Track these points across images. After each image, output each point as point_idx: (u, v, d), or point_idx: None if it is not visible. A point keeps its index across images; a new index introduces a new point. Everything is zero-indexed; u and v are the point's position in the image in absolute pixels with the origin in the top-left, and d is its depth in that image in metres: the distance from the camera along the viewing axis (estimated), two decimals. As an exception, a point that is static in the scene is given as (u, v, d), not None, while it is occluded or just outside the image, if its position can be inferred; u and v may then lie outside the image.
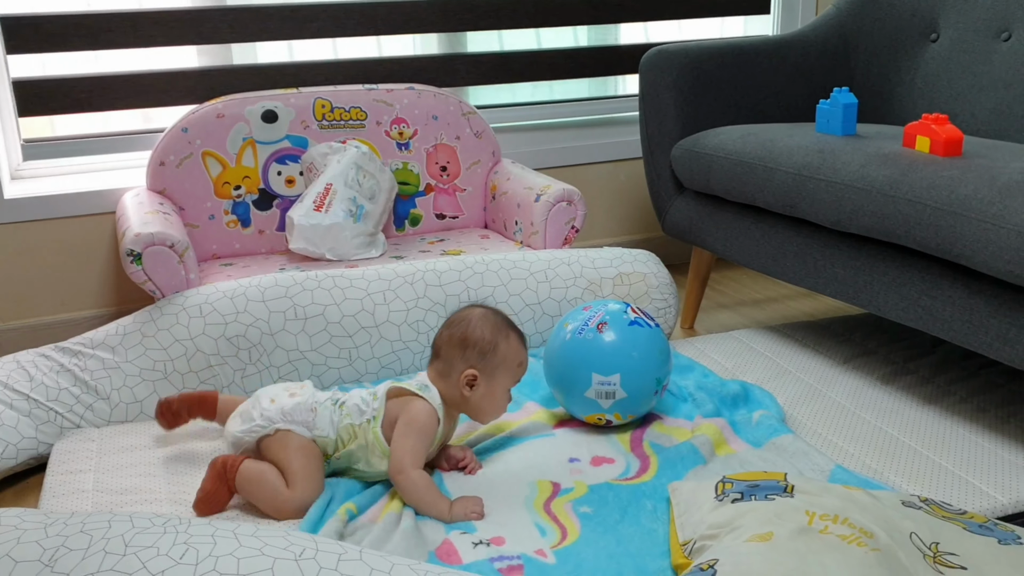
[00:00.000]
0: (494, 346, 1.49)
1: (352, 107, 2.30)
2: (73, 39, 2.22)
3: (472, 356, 1.49)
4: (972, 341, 1.59)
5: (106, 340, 1.79)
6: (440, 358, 1.52)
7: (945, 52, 2.23)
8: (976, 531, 1.31)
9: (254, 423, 1.49)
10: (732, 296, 2.61)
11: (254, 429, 1.49)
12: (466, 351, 1.49)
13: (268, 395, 1.53)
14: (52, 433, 1.71)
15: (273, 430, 1.48)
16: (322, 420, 1.49)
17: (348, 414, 1.50)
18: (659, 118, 2.22)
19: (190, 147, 2.17)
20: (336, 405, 1.51)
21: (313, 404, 1.51)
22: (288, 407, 1.50)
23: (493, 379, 1.49)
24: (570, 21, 2.69)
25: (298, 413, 1.49)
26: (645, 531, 1.37)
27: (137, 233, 1.83)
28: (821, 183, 1.80)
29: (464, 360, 1.49)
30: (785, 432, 1.63)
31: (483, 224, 2.45)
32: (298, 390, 1.54)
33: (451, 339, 1.50)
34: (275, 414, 1.49)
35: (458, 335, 1.50)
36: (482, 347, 1.49)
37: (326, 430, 1.49)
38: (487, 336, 1.49)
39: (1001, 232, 1.48)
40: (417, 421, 1.46)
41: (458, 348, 1.49)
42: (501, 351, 1.49)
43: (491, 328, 1.50)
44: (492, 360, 1.49)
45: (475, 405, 1.51)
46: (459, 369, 1.49)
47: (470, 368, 1.48)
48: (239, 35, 2.36)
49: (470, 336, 1.49)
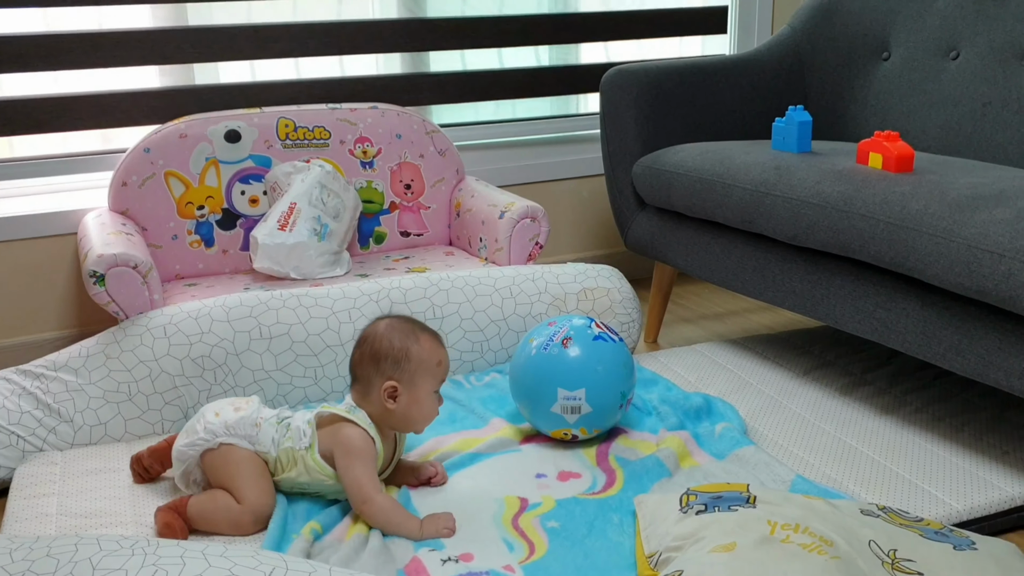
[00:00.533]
0: (406, 352, 1.46)
1: (316, 126, 2.31)
2: (34, 60, 2.21)
3: (387, 368, 1.46)
4: (926, 352, 1.63)
5: (69, 362, 1.77)
6: (358, 380, 1.49)
7: (896, 70, 2.29)
8: (932, 538, 1.35)
9: (197, 436, 1.48)
10: (694, 310, 2.65)
11: (197, 443, 1.48)
12: (380, 364, 1.46)
13: (213, 409, 1.52)
14: (14, 457, 1.69)
15: (216, 444, 1.48)
16: (264, 436, 1.49)
17: (290, 436, 1.49)
18: (620, 136, 2.25)
19: (153, 167, 2.17)
20: (280, 423, 1.51)
21: (257, 419, 1.51)
22: (232, 421, 1.49)
23: (414, 385, 1.47)
24: (532, 41, 2.72)
25: (241, 427, 1.49)
26: (612, 544, 1.39)
27: (100, 254, 1.82)
28: (778, 199, 1.84)
29: (380, 374, 1.46)
30: (747, 444, 1.66)
31: (448, 241, 2.47)
32: (244, 404, 1.53)
33: (363, 357, 1.48)
34: (219, 428, 1.49)
35: (368, 351, 1.47)
36: (394, 356, 1.46)
37: (267, 447, 1.49)
38: (396, 344, 1.46)
39: (952, 246, 1.52)
40: (353, 447, 1.44)
41: (371, 364, 1.47)
42: (415, 355, 1.46)
43: (399, 335, 1.47)
44: (408, 367, 1.46)
45: (402, 416, 1.48)
46: (377, 385, 1.46)
47: (388, 381, 1.46)
48: (202, 55, 2.36)
49: (380, 349, 1.46)
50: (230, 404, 1.53)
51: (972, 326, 1.55)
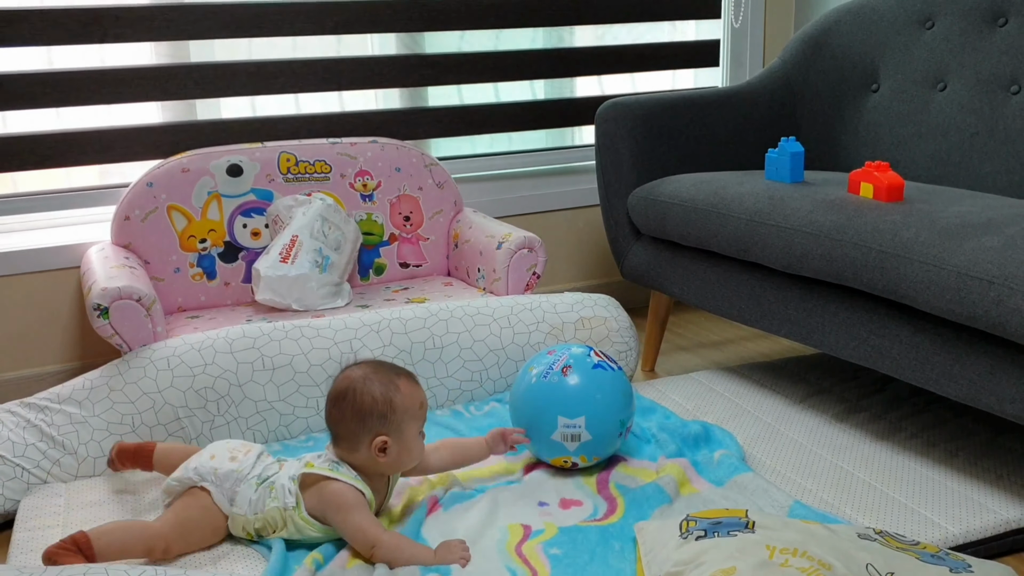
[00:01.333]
0: (390, 404, 1.43)
1: (316, 160, 2.34)
2: (39, 96, 2.24)
3: (374, 424, 1.43)
4: (919, 377, 1.66)
5: (73, 395, 1.79)
6: (342, 438, 1.46)
7: (886, 102, 2.33)
8: (929, 561, 1.36)
9: (187, 472, 1.50)
10: (690, 338, 2.68)
11: (184, 480, 1.50)
12: (366, 422, 1.43)
13: (211, 451, 1.53)
14: (19, 489, 1.70)
15: (200, 485, 1.49)
16: (241, 499, 1.48)
17: (275, 497, 1.47)
18: (615, 167, 2.29)
19: (155, 201, 2.20)
20: (262, 484, 1.49)
21: (247, 475, 1.49)
22: (222, 472, 1.49)
23: (401, 434, 1.45)
24: (528, 75, 2.77)
25: (228, 480, 1.49)
26: (613, 571, 1.40)
27: (104, 287, 1.84)
28: (772, 228, 1.87)
29: (368, 432, 1.44)
30: (745, 471, 1.68)
31: (446, 272, 2.50)
32: (242, 454, 1.53)
33: (344, 415, 1.44)
34: (207, 473, 1.49)
35: (351, 410, 1.44)
36: (379, 411, 1.43)
37: (242, 508, 1.48)
38: (379, 397, 1.43)
39: (942, 273, 1.55)
40: (345, 502, 1.43)
41: (356, 422, 1.43)
42: (399, 406, 1.44)
43: (379, 387, 1.44)
44: (394, 419, 1.44)
45: (393, 463, 1.48)
46: (366, 442, 1.44)
47: (377, 436, 1.44)
48: (204, 91, 2.40)
49: (363, 405, 1.43)
50: (228, 451, 1.53)
51: (963, 352, 1.58)
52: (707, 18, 2.98)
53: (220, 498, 1.48)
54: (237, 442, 1.58)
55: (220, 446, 1.55)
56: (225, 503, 1.48)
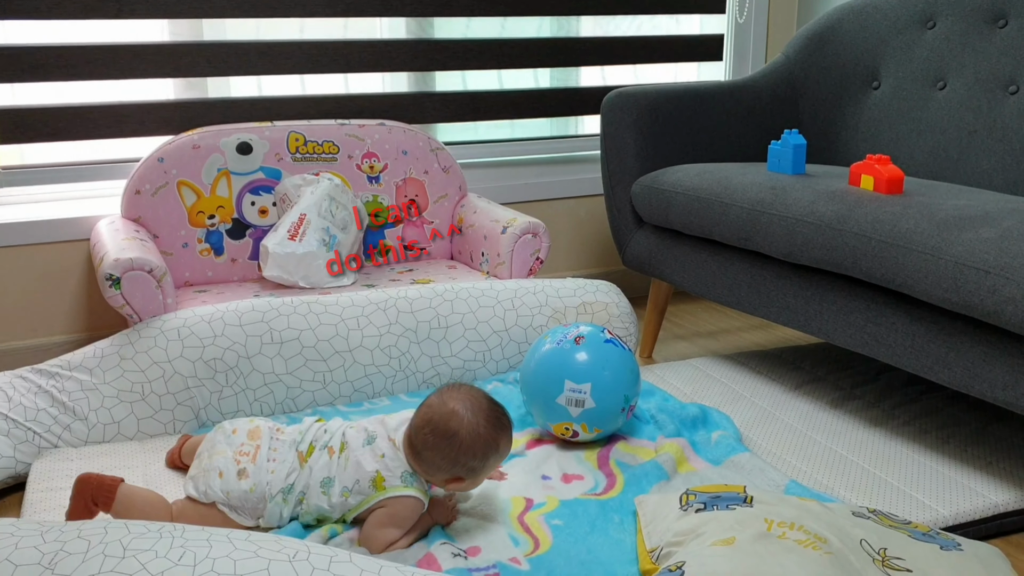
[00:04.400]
0: (484, 462, 1.42)
1: (325, 141, 2.37)
2: (53, 69, 2.27)
3: (461, 471, 1.42)
4: (914, 365, 1.70)
5: (84, 362, 1.82)
6: (425, 461, 1.42)
7: (886, 99, 2.38)
8: (920, 538, 1.41)
9: (208, 488, 1.44)
10: (688, 328, 2.72)
11: (192, 493, 1.45)
12: (455, 467, 1.41)
13: (217, 467, 1.44)
14: (30, 452, 1.73)
15: (209, 503, 1.44)
16: (271, 515, 1.45)
17: (308, 512, 1.46)
18: (620, 156, 2.33)
19: (166, 176, 2.23)
20: (293, 499, 1.45)
21: (265, 493, 1.44)
22: (235, 495, 1.43)
23: (477, 478, 1.45)
24: (533, 64, 2.80)
25: (247, 503, 1.44)
26: (613, 541, 1.44)
27: (116, 258, 1.87)
28: (774, 218, 1.91)
29: (450, 472, 1.42)
30: (743, 451, 1.72)
31: (450, 256, 2.53)
32: (248, 460, 1.45)
33: (438, 451, 1.40)
34: (219, 495, 1.43)
35: (447, 451, 1.40)
36: (472, 465, 1.42)
37: (274, 521, 1.45)
38: (478, 454, 1.41)
39: (940, 263, 1.60)
40: (400, 518, 1.42)
41: (447, 462, 1.41)
42: (490, 464, 1.44)
43: (482, 445, 1.41)
44: (480, 471, 1.43)
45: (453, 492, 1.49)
46: (443, 476, 1.43)
47: (456, 479, 1.43)
48: (216, 69, 2.43)
49: (459, 456, 1.40)
50: (235, 457, 1.45)
51: (958, 340, 1.62)
52: (712, 13, 3.02)
53: (242, 519, 1.44)
54: (241, 432, 1.49)
55: (221, 445, 1.47)
56: (249, 520, 1.45)
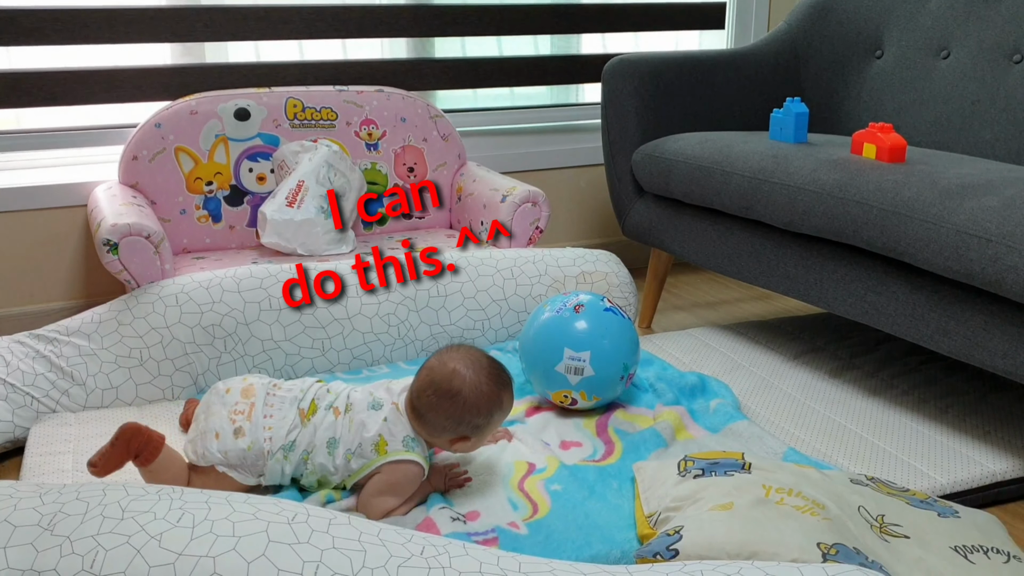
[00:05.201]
0: (489, 419, 1.43)
1: (323, 107, 2.35)
2: (50, 33, 2.24)
3: (465, 429, 1.42)
4: (914, 334, 1.70)
5: (81, 327, 1.81)
6: (429, 423, 1.42)
7: (889, 68, 2.36)
8: (918, 506, 1.41)
9: (207, 451, 1.42)
10: (687, 298, 2.71)
11: (190, 455, 1.45)
12: (459, 426, 1.42)
13: (213, 428, 1.43)
14: (28, 417, 1.73)
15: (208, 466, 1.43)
16: (272, 472, 1.44)
17: (313, 472, 1.45)
18: (621, 124, 2.31)
19: (163, 142, 2.21)
20: (291, 450, 1.44)
21: (264, 449, 1.42)
22: (233, 454, 1.41)
23: (482, 437, 1.45)
24: (534, 30, 2.78)
25: (247, 461, 1.43)
26: (611, 506, 1.45)
27: (113, 223, 1.86)
28: (775, 186, 1.90)
29: (455, 431, 1.42)
30: (741, 419, 1.73)
31: (448, 225, 2.52)
32: (243, 417, 1.43)
33: (441, 411, 1.41)
34: (216, 456, 1.42)
35: (451, 410, 1.40)
36: (476, 423, 1.42)
37: (275, 478, 1.45)
38: (482, 411, 1.41)
39: (942, 231, 1.59)
40: (399, 487, 1.42)
41: (451, 422, 1.41)
42: (495, 421, 1.44)
43: (486, 402, 1.41)
44: (486, 429, 1.44)
45: (458, 452, 1.48)
46: (449, 433, 1.43)
47: (462, 436, 1.43)
48: (214, 34, 2.40)
49: (464, 414, 1.41)
50: (230, 415, 1.43)
51: (959, 308, 1.62)
52: (714, -19, 2.99)
53: (243, 478, 1.44)
54: (235, 390, 1.47)
55: (215, 406, 1.45)
56: (251, 479, 1.44)
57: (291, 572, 1.05)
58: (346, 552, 1.08)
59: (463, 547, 1.12)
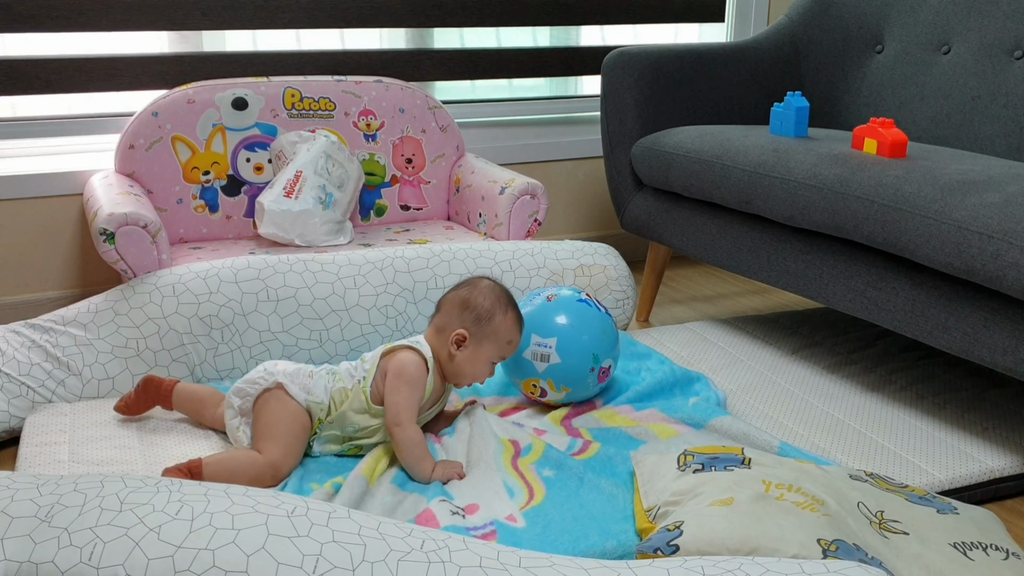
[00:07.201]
0: (491, 315, 1.58)
1: (321, 97, 2.34)
2: (45, 20, 2.22)
3: (468, 319, 1.58)
4: (914, 330, 1.70)
5: (78, 317, 1.80)
6: (441, 312, 1.61)
7: (890, 63, 2.35)
8: (917, 502, 1.41)
9: (258, 375, 1.57)
10: (685, 292, 2.71)
11: (257, 380, 1.56)
12: (464, 312, 1.58)
13: (271, 362, 1.61)
14: (24, 407, 1.72)
15: (274, 383, 1.55)
16: (317, 386, 1.57)
17: (341, 379, 1.59)
18: (620, 116, 2.31)
19: (160, 131, 2.19)
20: (329, 374, 1.60)
21: (310, 371, 1.60)
22: (290, 370, 1.58)
23: (480, 345, 1.58)
24: (533, 22, 2.77)
25: (298, 376, 1.57)
26: (606, 495, 1.45)
27: (110, 213, 1.85)
28: (775, 181, 1.90)
29: (460, 320, 1.58)
30: (723, 414, 1.68)
31: (446, 216, 2.51)
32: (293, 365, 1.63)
33: (455, 298, 1.60)
34: (278, 372, 1.57)
35: (462, 296, 1.60)
36: (479, 313, 1.58)
37: (320, 396, 1.56)
38: (487, 304, 1.58)
39: (943, 227, 1.59)
40: (406, 372, 1.53)
41: (458, 308, 1.59)
42: (496, 322, 1.58)
43: (493, 299, 1.59)
44: (485, 328, 1.58)
45: (458, 365, 1.58)
46: (453, 327, 1.58)
47: (463, 328, 1.57)
48: (211, 22, 2.39)
49: (472, 300, 1.59)
50: (286, 363, 1.62)
51: (959, 305, 1.62)
52: (714, -26, 2.98)
53: (296, 391, 1.55)
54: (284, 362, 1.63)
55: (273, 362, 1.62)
56: (301, 395, 1.55)
57: (291, 565, 1.04)
58: (346, 546, 1.07)
59: (463, 541, 1.12)
